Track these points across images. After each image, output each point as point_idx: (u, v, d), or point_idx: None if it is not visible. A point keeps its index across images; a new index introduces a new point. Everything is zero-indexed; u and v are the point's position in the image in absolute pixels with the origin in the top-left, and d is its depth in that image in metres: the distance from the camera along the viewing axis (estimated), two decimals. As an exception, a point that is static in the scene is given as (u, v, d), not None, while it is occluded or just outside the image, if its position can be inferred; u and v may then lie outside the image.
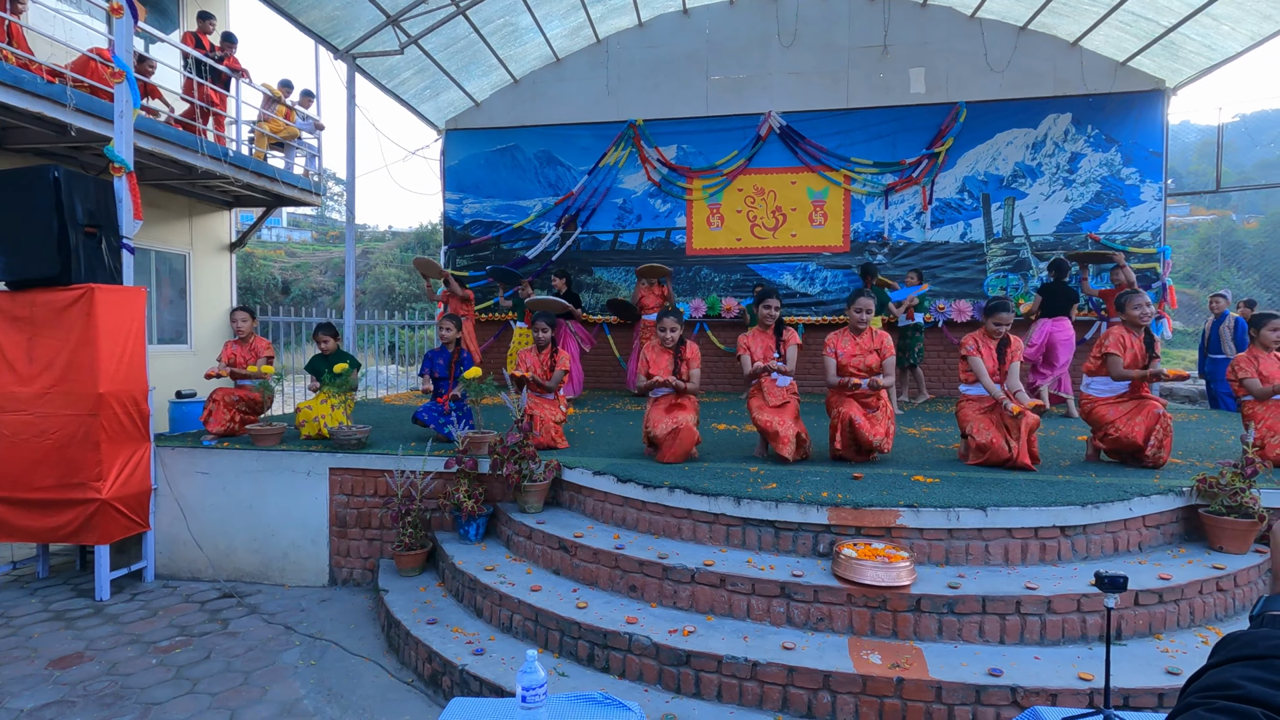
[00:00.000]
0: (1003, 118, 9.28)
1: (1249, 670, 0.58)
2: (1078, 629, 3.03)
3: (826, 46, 9.63)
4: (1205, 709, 0.58)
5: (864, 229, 9.65)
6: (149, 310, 8.24)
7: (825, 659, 2.87)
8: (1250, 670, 0.58)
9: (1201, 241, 32.66)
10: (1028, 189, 9.29)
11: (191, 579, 5.03)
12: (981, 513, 3.39)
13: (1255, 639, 0.61)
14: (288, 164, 9.10)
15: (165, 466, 5.04)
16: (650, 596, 3.46)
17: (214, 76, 7.79)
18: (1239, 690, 0.57)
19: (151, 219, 8.17)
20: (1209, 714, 0.57)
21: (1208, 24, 7.84)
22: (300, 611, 4.45)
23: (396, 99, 9.65)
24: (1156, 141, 9.00)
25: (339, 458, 4.87)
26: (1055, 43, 9.13)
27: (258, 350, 5.58)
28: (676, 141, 10.05)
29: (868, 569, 3.09)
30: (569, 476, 4.40)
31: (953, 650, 2.95)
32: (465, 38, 8.95)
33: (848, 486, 3.80)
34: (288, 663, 3.74)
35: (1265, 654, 0.59)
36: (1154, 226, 9.02)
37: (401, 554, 4.42)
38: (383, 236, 41.77)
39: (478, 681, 3.12)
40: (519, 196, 10.50)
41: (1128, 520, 3.57)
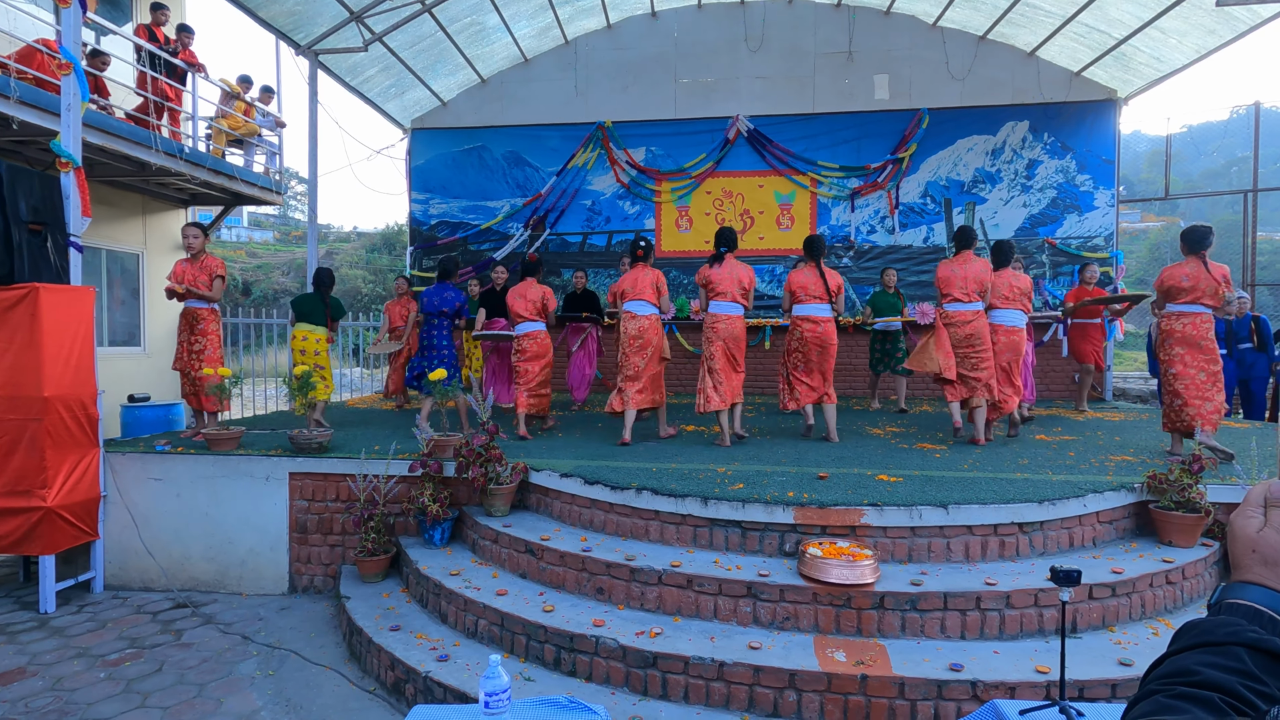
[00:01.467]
0: (964, 125, 9.50)
1: (1207, 657, 0.60)
2: (1035, 623, 3.10)
3: (793, 52, 9.75)
4: (1165, 695, 0.59)
5: (830, 232, 9.78)
6: (99, 311, 7.97)
7: (791, 658, 2.89)
8: (1208, 657, 0.60)
9: (1152, 247, 33.86)
10: (988, 194, 9.52)
11: (143, 589, 4.86)
12: (943, 510, 3.45)
13: (1213, 626, 0.63)
14: (247, 162, 8.86)
15: (115, 473, 4.86)
16: (618, 599, 3.44)
17: (169, 71, 7.56)
18: (1197, 676, 0.59)
19: (102, 216, 7.89)
20: (1168, 700, 0.59)
21: (1156, 37, 8.14)
22: (259, 621, 4.32)
23: (361, 97, 9.48)
24: (1109, 149, 9.30)
25: (299, 462, 4.75)
26: (1013, 52, 9.38)
27: (209, 268, 5.49)
28: (645, 144, 10.07)
29: (833, 568, 3.12)
30: (536, 479, 4.37)
31: (915, 646, 2.99)
32: (431, 36, 8.84)
33: (813, 486, 3.84)
34: (244, 673, 3.63)
35: (1222, 641, 0.61)
36: (1107, 232, 9.32)
37: (364, 560, 4.32)
38: (348, 237, 41.02)
39: (441, 688, 3.06)
40: (486, 197, 10.40)
41: (1082, 516, 3.67)
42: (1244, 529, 0.69)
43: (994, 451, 5.04)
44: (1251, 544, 0.67)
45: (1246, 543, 0.68)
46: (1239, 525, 0.70)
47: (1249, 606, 0.63)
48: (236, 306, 16.03)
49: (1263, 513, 0.68)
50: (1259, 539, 0.67)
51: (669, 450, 5.03)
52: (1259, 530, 0.67)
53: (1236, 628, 0.61)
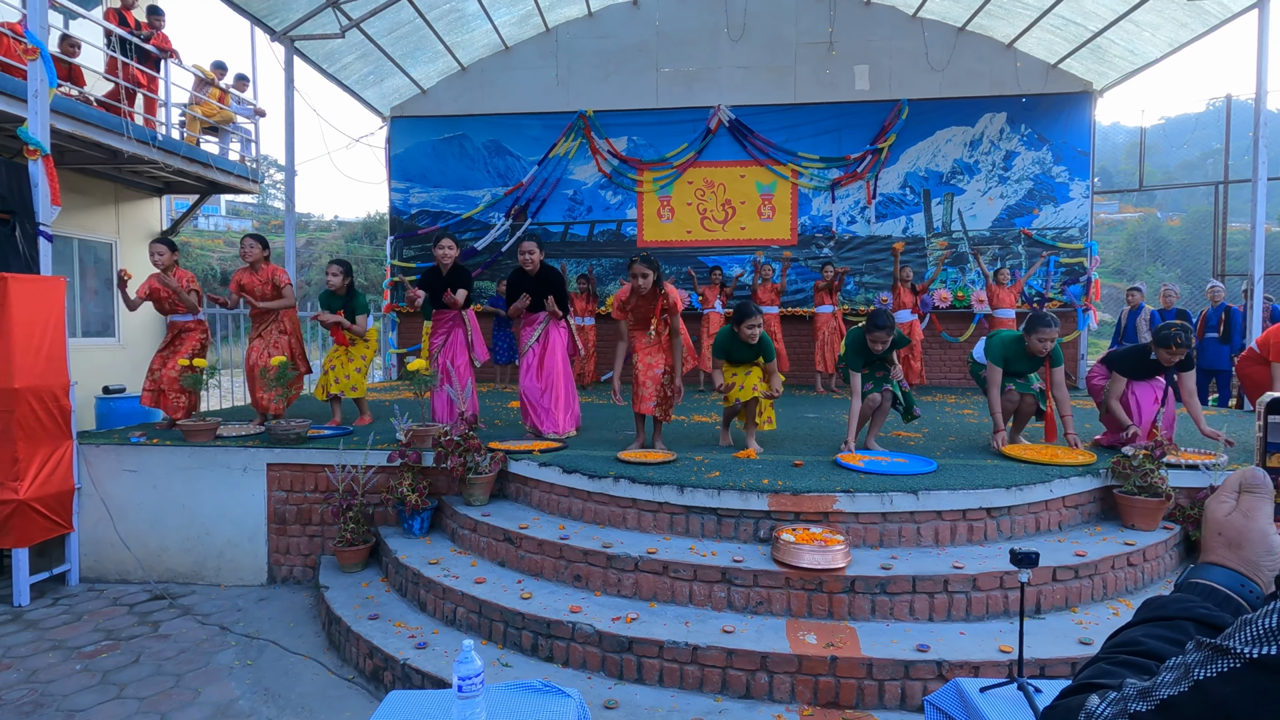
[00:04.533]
0: (942, 116, 9.58)
1: (1155, 629, 0.63)
2: (1000, 604, 3.19)
3: (774, 42, 9.76)
4: (1107, 661, 0.64)
5: (811, 222, 9.84)
6: (72, 302, 7.84)
7: (763, 641, 2.95)
8: (1157, 629, 0.63)
9: (1129, 238, 34.36)
10: (965, 185, 9.62)
11: (120, 581, 4.83)
12: (913, 496, 3.53)
13: (1168, 602, 0.66)
14: (223, 149, 8.74)
15: (90, 465, 4.82)
16: (595, 585, 3.49)
17: (140, 56, 7.42)
18: (1140, 646, 0.62)
19: (73, 205, 7.76)
20: (1109, 665, 0.63)
21: (1131, 30, 8.24)
22: (237, 611, 4.32)
23: (339, 84, 9.37)
24: (1085, 141, 9.42)
25: (277, 453, 4.74)
26: (991, 44, 9.46)
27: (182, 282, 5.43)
28: (627, 133, 10.05)
29: (805, 553, 3.18)
30: (515, 468, 4.39)
31: (885, 628, 3.07)
32: (410, 23, 8.74)
33: (788, 473, 3.90)
34: (222, 663, 3.64)
35: (1173, 615, 0.64)
36: (1082, 223, 9.46)
37: (343, 550, 4.33)
38: (328, 226, 40.58)
39: (420, 675, 3.09)
40: (467, 186, 10.34)
41: (1049, 501, 3.76)
42: (1215, 512, 0.71)
43: (965, 438, 5.14)
44: (1219, 527, 0.70)
45: (1215, 525, 0.70)
46: (1211, 509, 0.72)
47: (1207, 585, 0.66)
48: (214, 297, 15.89)
49: (1235, 497, 0.70)
50: (1226, 522, 0.69)
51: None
52: (1228, 514, 0.70)
53: (1189, 604, 0.64)
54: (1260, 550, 0.66)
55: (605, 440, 5.00)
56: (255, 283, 5.46)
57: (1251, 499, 0.69)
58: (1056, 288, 9.44)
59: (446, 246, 5.16)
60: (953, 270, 9.67)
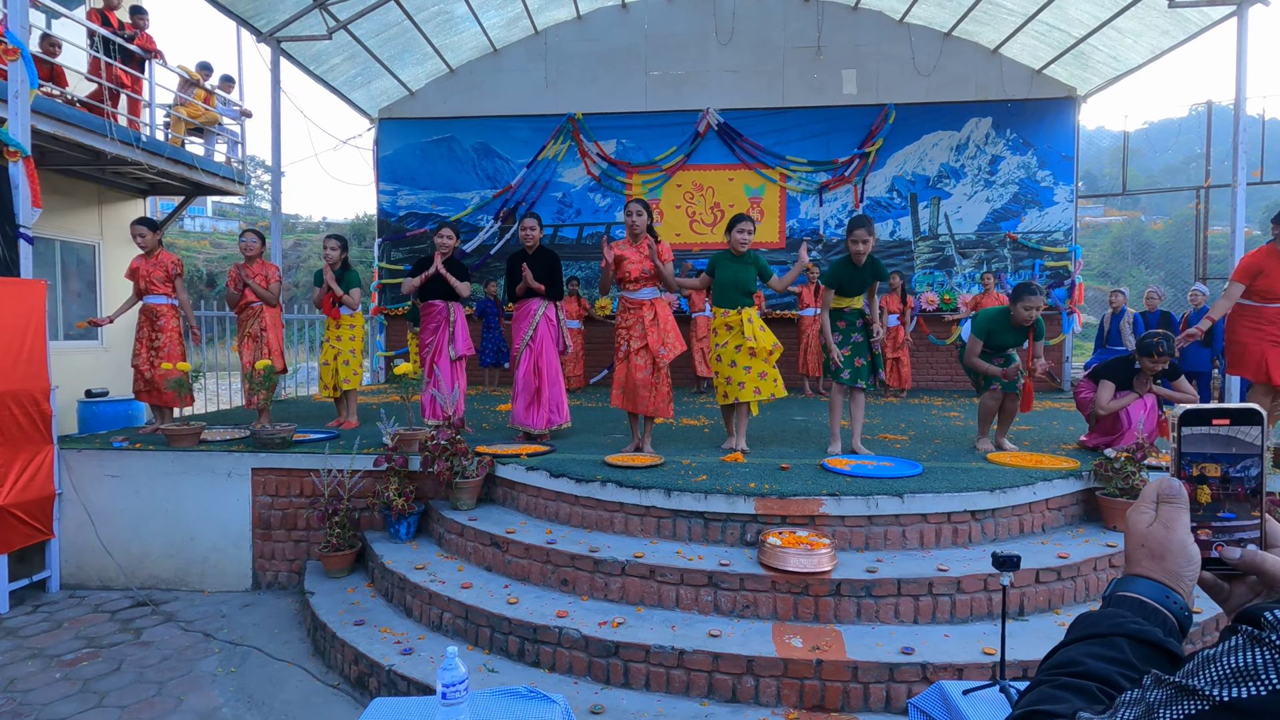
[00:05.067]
0: (929, 120, 9.66)
1: (1092, 648, 0.63)
2: (984, 606, 3.21)
3: (762, 46, 9.80)
4: (1050, 685, 0.62)
5: (799, 226, 9.89)
6: (54, 304, 7.75)
7: (749, 644, 2.96)
8: (1093, 648, 0.63)
9: (1114, 240, 34.75)
10: (952, 189, 9.70)
11: (102, 588, 4.77)
12: (899, 499, 3.55)
13: (1101, 619, 0.66)
14: (208, 151, 8.67)
15: (71, 470, 4.76)
16: (581, 590, 3.48)
17: (124, 56, 7.35)
18: (1080, 667, 0.61)
19: (55, 207, 7.67)
20: (1052, 690, 0.62)
21: (1114, 37, 8.35)
22: (221, 618, 4.28)
23: (326, 86, 9.33)
24: (1069, 146, 9.53)
25: (262, 457, 4.70)
26: (977, 49, 9.55)
27: (165, 264, 5.47)
28: (616, 136, 10.06)
29: (791, 556, 3.20)
30: (503, 472, 4.38)
31: (870, 631, 3.08)
32: (398, 24, 8.72)
33: (775, 477, 3.91)
34: (206, 671, 3.60)
35: (1107, 632, 0.64)
36: (1066, 226, 9.56)
37: (329, 555, 4.30)
38: (316, 228, 40.36)
39: (405, 681, 3.08)
40: (456, 189, 10.31)
41: (1032, 504, 3.80)
42: (1136, 524, 0.71)
43: (951, 441, 5.18)
44: (1142, 538, 0.69)
45: (1138, 537, 0.70)
46: (1133, 520, 0.71)
47: (1135, 599, 0.66)
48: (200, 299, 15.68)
49: (1154, 508, 0.70)
50: (1149, 534, 0.69)
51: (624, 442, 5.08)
52: (1149, 525, 0.69)
53: (1120, 619, 0.64)
54: (1181, 561, 0.66)
55: (593, 444, 5.00)
56: (250, 276, 5.53)
57: (1169, 509, 0.69)
58: (1042, 291, 9.53)
59: (446, 236, 5.26)
60: (939, 273, 9.74)
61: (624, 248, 4.66)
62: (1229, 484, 0.69)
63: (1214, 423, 0.68)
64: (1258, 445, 0.67)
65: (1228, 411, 0.68)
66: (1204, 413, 0.68)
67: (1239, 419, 0.68)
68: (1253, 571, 0.68)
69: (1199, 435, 0.69)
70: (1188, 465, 0.69)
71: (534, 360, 5.01)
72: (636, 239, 4.62)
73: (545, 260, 5.01)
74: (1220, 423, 0.68)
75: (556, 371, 5.11)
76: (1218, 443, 0.68)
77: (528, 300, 5.04)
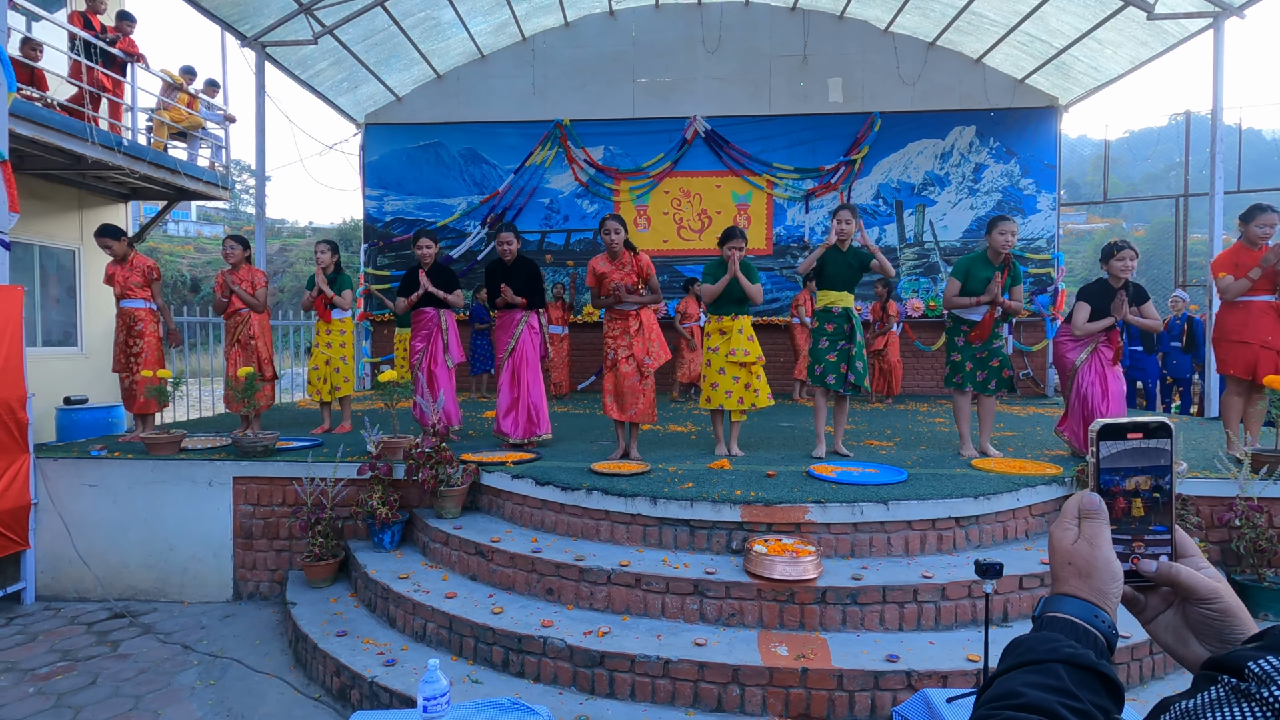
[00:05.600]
0: (914, 128, 9.75)
1: (1030, 676, 0.60)
2: (969, 613, 3.22)
3: (749, 53, 9.86)
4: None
5: (786, 232, 9.94)
6: (32, 310, 7.64)
7: (735, 653, 2.95)
8: (1031, 676, 0.60)
9: (1096, 247, 35.19)
10: (936, 197, 9.79)
11: (78, 599, 4.69)
12: (884, 506, 3.56)
13: (1034, 644, 0.63)
14: (191, 155, 8.58)
15: (47, 479, 4.68)
16: (567, 599, 3.46)
17: (106, 60, 7.28)
18: (1020, 699, 0.59)
19: (34, 211, 7.56)
20: None
21: (1094, 47, 8.47)
22: (200, 629, 4.22)
23: (312, 91, 9.28)
24: (1051, 154, 9.65)
25: (243, 465, 4.64)
26: (961, 59, 9.66)
27: (142, 269, 5.46)
28: (603, 143, 10.07)
29: (777, 564, 3.19)
30: (488, 480, 4.35)
31: (855, 639, 3.08)
32: (385, 30, 8.69)
33: (761, 484, 3.91)
34: (184, 684, 3.54)
35: (1043, 658, 0.61)
36: (1049, 234, 9.67)
37: (311, 565, 4.25)
38: (302, 233, 40.11)
39: (388, 693, 3.04)
40: (443, 194, 10.28)
41: (1015, 510, 3.82)
42: (1061, 541, 0.69)
43: (936, 447, 5.20)
44: (1068, 556, 0.68)
45: (1064, 555, 0.68)
46: (1056, 538, 0.70)
47: (1066, 620, 0.64)
48: (184, 304, 15.49)
49: (1076, 524, 0.69)
50: (1074, 551, 0.68)
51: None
52: (1074, 542, 0.68)
53: (1055, 644, 0.62)
54: (1107, 578, 0.66)
55: (580, 451, 4.98)
56: (237, 282, 5.54)
57: (1091, 525, 0.68)
58: (1025, 297, 9.63)
59: (425, 246, 5.19)
60: (924, 280, 9.82)
61: (604, 264, 4.68)
62: (1159, 496, 0.69)
63: (1129, 436, 0.69)
64: (1169, 455, 0.69)
65: (1141, 425, 0.69)
66: (1120, 427, 0.69)
67: (1151, 433, 0.69)
68: (1168, 583, 0.68)
69: (1123, 450, 0.69)
70: (1120, 480, 0.69)
71: (513, 369, 5.03)
72: (615, 256, 4.65)
73: (524, 270, 5.04)
74: (1134, 436, 0.69)
75: (536, 381, 5.10)
76: (1139, 456, 0.69)
77: (511, 310, 5.06)
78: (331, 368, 5.77)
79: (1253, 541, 3.78)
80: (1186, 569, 0.68)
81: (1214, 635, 0.66)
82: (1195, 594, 0.66)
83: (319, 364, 5.81)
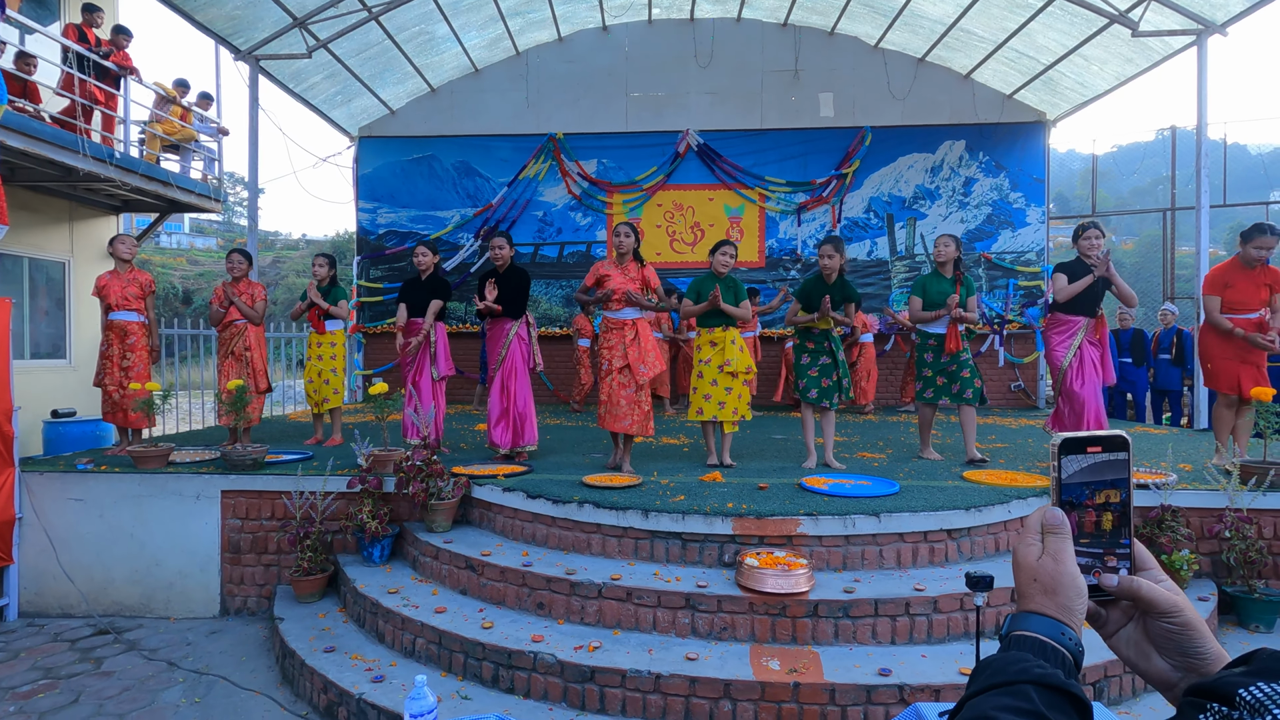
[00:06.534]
0: (904, 143, 9.84)
1: (1001, 699, 0.59)
2: (961, 626, 3.21)
3: (741, 69, 9.95)
4: None
5: (778, 245, 9.99)
6: (20, 322, 7.59)
7: (727, 668, 2.93)
8: (1002, 699, 0.59)
9: (1086, 260, 35.35)
10: (927, 210, 9.87)
11: (62, 616, 4.62)
12: (876, 519, 3.56)
13: (1004, 665, 0.62)
14: (184, 168, 8.58)
15: (32, 493, 4.62)
16: (558, 613, 3.43)
17: (100, 73, 7.28)
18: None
19: (24, 223, 7.54)
20: None
21: (1080, 64, 8.59)
22: (186, 645, 4.16)
23: (306, 104, 9.30)
24: (1040, 168, 9.75)
25: (232, 479, 4.60)
26: (950, 74, 9.77)
27: (141, 282, 5.46)
28: (597, 156, 10.12)
29: (769, 577, 3.18)
30: (479, 493, 4.33)
31: (847, 653, 3.07)
32: (379, 44, 8.74)
33: (753, 497, 3.90)
34: (168, 701, 3.49)
35: (1013, 679, 0.60)
36: (1038, 247, 9.75)
37: (300, 579, 4.21)
38: (296, 245, 40.06)
39: (375, 710, 3.00)
40: (436, 207, 10.29)
41: (1007, 522, 3.82)
42: (1025, 557, 0.68)
43: (928, 459, 5.21)
44: (1033, 572, 0.67)
45: (1029, 571, 0.67)
46: (1021, 554, 0.69)
47: (1034, 638, 0.63)
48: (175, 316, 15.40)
49: (1040, 540, 0.68)
50: (1038, 567, 0.66)
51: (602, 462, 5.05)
52: (1039, 558, 0.67)
53: (1025, 664, 0.61)
54: (1073, 594, 0.65)
55: (572, 464, 4.96)
56: (237, 294, 5.58)
57: (1055, 540, 0.67)
58: (1016, 310, 9.70)
59: (421, 254, 5.38)
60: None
61: (609, 267, 4.74)
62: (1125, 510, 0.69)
63: (1089, 450, 0.69)
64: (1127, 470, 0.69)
65: (1099, 439, 0.69)
66: (1080, 440, 0.69)
67: (1109, 446, 0.68)
68: (1129, 597, 0.68)
69: (1093, 464, 0.69)
70: (1089, 493, 0.69)
71: (502, 379, 5.05)
72: (622, 259, 4.71)
73: (515, 279, 5.05)
74: (1094, 450, 0.69)
75: (524, 391, 5.10)
76: (1103, 469, 0.69)
77: (502, 320, 5.05)
78: (322, 379, 5.75)
79: (1243, 553, 3.79)
80: (1147, 583, 0.67)
81: (1175, 649, 0.65)
82: (1156, 608, 0.66)
83: (312, 375, 5.79)
